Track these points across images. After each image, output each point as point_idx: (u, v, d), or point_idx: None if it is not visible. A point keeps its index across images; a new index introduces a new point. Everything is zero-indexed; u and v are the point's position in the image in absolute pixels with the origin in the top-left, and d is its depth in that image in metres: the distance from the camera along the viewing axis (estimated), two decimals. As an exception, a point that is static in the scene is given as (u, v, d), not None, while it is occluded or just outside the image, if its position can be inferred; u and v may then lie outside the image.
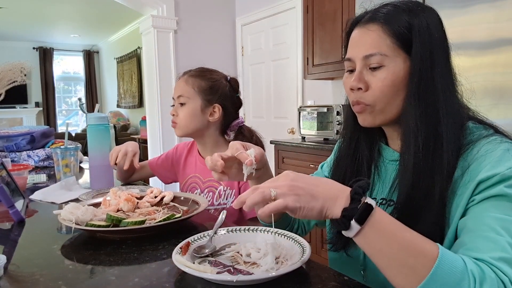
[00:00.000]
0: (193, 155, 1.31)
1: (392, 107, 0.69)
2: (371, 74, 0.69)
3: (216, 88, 1.18)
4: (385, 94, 0.68)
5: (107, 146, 1.29)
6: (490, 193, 0.58)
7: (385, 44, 0.67)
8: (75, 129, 8.55)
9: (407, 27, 0.67)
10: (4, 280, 0.63)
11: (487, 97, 1.56)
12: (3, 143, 1.81)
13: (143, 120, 5.67)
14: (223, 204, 1.17)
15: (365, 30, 0.70)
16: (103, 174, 1.30)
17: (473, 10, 1.58)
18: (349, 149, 0.80)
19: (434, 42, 0.67)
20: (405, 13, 0.68)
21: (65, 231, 0.88)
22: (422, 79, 0.66)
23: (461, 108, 0.68)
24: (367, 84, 0.69)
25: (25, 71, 1.64)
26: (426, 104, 0.65)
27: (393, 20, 0.68)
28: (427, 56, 0.66)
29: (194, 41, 3.81)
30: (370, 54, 0.68)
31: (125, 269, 0.67)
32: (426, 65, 0.66)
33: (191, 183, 1.26)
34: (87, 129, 1.31)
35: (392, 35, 0.67)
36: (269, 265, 0.60)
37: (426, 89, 0.66)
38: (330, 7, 2.71)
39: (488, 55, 1.55)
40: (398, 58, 0.67)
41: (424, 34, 0.66)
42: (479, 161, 0.61)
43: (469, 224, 0.58)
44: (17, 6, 5.47)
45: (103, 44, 8.56)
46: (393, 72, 0.67)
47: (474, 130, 0.67)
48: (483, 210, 0.58)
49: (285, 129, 3.55)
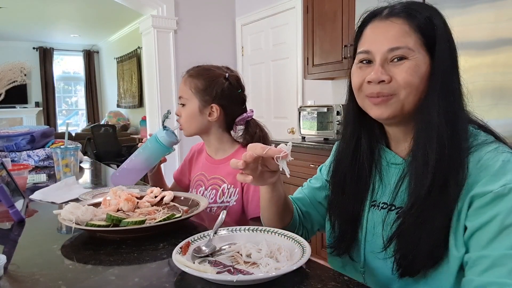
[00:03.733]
0: (202, 153, 1.31)
1: (413, 100, 0.68)
2: (393, 66, 0.68)
3: (212, 88, 1.16)
4: (410, 84, 0.67)
5: (155, 162, 1.26)
6: (482, 219, 0.59)
7: (411, 39, 0.67)
8: (75, 129, 8.55)
9: (430, 24, 0.67)
10: (4, 280, 0.63)
11: (487, 97, 1.56)
12: (3, 143, 1.81)
13: (143, 120, 5.67)
14: (226, 202, 1.17)
15: (389, 23, 0.69)
16: (134, 178, 1.27)
17: (473, 10, 1.58)
18: (349, 149, 0.79)
19: (453, 44, 0.68)
20: (426, 12, 0.68)
21: (65, 231, 0.88)
22: (445, 78, 0.66)
23: (465, 110, 0.68)
24: (390, 75, 0.68)
25: (25, 71, 1.65)
26: (447, 102, 0.65)
27: (416, 16, 0.68)
28: (447, 57, 0.66)
29: (194, 41, 3.81)
30: (396, 47, 0.67)
31: (125, 269, 0.67)
32: (447, 65, 0.66)
33: (197, 181, 1.26)
34: (153, 137, 1.22)
35: (418, 31, 0.67)
36: (270, 266, 0.60)
37: (448, 89, 0.66)
38: (330, 7, 2.71)
39: (488, 55, 1.55)
40: (420, 54, 0.67)
41: (447, 35, 0.67)
42: (479, 170, 0.61)
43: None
44: (17, 6, 5.47)
45: (103, 44, 8.56)
46: (416, 65, 0.66)
47: (476, 134, 0.67)
48: (481, 247, 0.59)
49: (285, 129, 3.55)
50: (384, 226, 0.71)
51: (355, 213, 0.77)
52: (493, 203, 0.58)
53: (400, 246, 0.66)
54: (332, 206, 0.83)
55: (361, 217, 0.77)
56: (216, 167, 1.22)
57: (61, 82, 8.85)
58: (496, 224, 0.57)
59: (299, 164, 2.71)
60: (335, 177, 0.82)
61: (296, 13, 3.32)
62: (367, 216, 0.77)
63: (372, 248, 0.75)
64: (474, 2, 1.57)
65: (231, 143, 1.23)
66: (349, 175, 0.78)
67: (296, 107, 3.20)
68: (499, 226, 0.57)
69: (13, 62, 1.62)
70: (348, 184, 0.78)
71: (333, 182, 0.83)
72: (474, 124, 0.69)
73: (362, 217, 0.77)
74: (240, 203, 1.15)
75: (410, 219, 0.64)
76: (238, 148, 1.22)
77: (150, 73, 3.72)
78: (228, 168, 1.17)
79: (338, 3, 2.64)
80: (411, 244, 0.64)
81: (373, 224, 0.75)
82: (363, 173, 0.77)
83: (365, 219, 0.77)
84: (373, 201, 0.77)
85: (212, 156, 1.25)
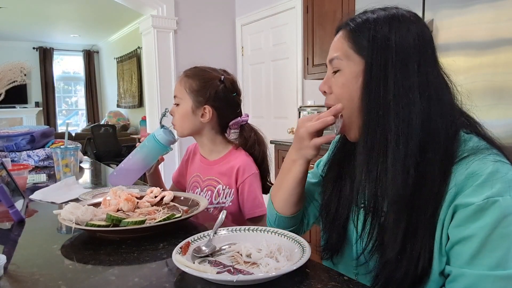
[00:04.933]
0: (196, 155, 1.31)
1: (352, 111, 0.69)
2: (333, 77, 0.72)
3: (206, 89, 1.16)
4: (341, 98, 0.70)
5: (153, 162, 1.26)
6: (464, 233, 0.58)
7: (343, 48, 0.69)
8: (75, 129, 8.55)
9: (364, 29, 0.66)
10: (4, 280, 0.63)
11: (487, 97, 1.56)
12: (3, 143, 1.81)
13: (143, 120, 5.67)
14: (221, 203, 1.17)
15: (336, 37, 0.72)
16: (132, 177, 1.27)
17: (473, 10, 1.58)
18: (344, 151, 0.79)
19: (391, 49, 0.63)
20: (379, 23, 0.65)
21: (65, 231, 0.88)
22: (373, 86, 0.64)
23: (452, 115, 0.65)
24: (330, 87, 0.72)
25: (25, 71, 1.65)
26: (375, 114, 0.64)
27: (351, 24, 0.68)
28: (378, 61, 0.64)
29: (194, 41, 3.81)
30: (331, 58, 0.71)
31: (125, 269, 0.67)
32: (377, 71, 0.64)
33: (193, 182, 1.26)
34: (150, 136, 1.22)
35: (349, 40, 0.68)
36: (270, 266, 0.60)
37: (376, 96, 0.64)
38: (330, 7, 2.71)
39: (488, 55, 1.55)
40: (351, 63, 0.68)
41: (382, 40, 0.64)
42: (466, 178, 0.59)
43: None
44: (17, 6, 5.47)
45: (103, 44, 8.56)
46: (346, 76, 0.68)
47: (467, 139, 0.64)
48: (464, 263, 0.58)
49: (285, 129, 3.55)
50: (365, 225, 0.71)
51: (343, 214, 0.77)
52: (475, 217, 0.57)
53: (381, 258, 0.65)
54: (322, 206, 0.83)
55: (350, 218, 0.77)
56: (210, 168, 1.22)
57: (61, 82, 8.85)
58: (477, 240, 0.57)
59: (299, 164, 2.71)
60: (326, 176, 0.83)
61: (296, 13, 3.32)
62: (356, 218, 0.76)
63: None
64: (474, 2, 1.57)
65: (224, 144, 1.23)
66: (339, 176, 0.79)
67: (296, 107, 3.20)
68: (480, 243, 0.57)
69: (13, 62, 1.62)
70: (339, 183, 0.78)
71: (324, 182, 0.83)
72: (466, 129, 0.66)
73: (351, 219, 0.77)
74: (236, 204, 1.16)
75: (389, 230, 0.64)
76: (231, 149, 1.21)
77: (150, 73, 3.72)
78: (222, 169, 1.18)
79: (338, 3, 2.64)
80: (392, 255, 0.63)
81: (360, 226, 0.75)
82: (352, 175, 0.76)
83: (355, 220, 0.76)
84: (363, 202, 0.77)
85: (206, 157, 1.25)
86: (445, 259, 0.61)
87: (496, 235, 0.56)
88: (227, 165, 1.18)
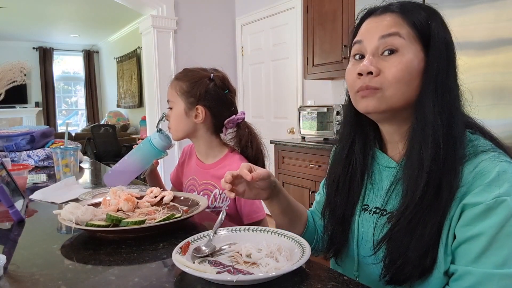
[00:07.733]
0: (192, 157, 1.30)
1: (402, 97, 0.65)
2: (383, 60, 0.66)
3: (196, 89, 1.15)
4: (398, 80, 0.64)
5: (147, 165, 1.26)
6: (471, 232, 0.58)
7: (403, 28, 0.66)
8: (75, 129, 8.55)
9: (425, 20, 0.66)
10: (4, 280, 0.63)
11: (487, 97, 1.56)
12: (3, 143, 1.81)
13: (143, 120, 5.67)
14: (218, 207, 1.16)
15: (383, 17, 0.68)
16: (125, 179, 1.27)
17: (473, 10, 1.58)
18: (343, 152, 0.79)
19: (451, 43, 0.67)
20: (422, 10, 0.67)
21: (65, 231, 0.88)
22: (440, 76, 0.64)
23: (462, 112, 0.67)
24: (379, 69, 0.65)
25: (25, 71, 1.64)
26: (443, 102, 0.64)
27: (411, 12, 0.67)
28: (443, 54, 0.65)
29: (194, 41, 3.81)
30: (387, 33, 0.65)
31: (125, 269, 0.67)
32: (443, 63, 0.64)
33: (189, 185, 1.25)
34: (146, 140, 1.23)
35: (410, 24, 0.66)
36: (270, 266, 0.60)
37: (443, 88, 0.64)
38: (330, 7, 2.71)
39: (488, 55, 1.55)
40: (413, 46, 0.65)
41: (444, 33, 0.66)
42: (474, 178, 0.60)
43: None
44: (17, 6, 5.47)
45: (103, 44, 8.56)
46: (408, 59, 0.64)
47: (473, 139, 0.65)
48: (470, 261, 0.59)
49: (285, 129, 3.55)
50: (375, 231, 0.71)
51: (345, 216, 0.77)
52: (483, 216, 0.57)
53: (389, 250, 0.65)
54: (325, 208, 0.83)
55: (352, 221, 0.77)
56: (206, 172, 1.21)
57: (61, 82, 8.85)
58: (485, 239, 0.57)
59: (299, 164, 2.71)
60: (329, 179, 0.83)
61: (296, 13, 3.32)
62: (358, 220, 0.76)
63: (364, 252, 0.75)
64: (474, 2, 1.57)
65: (220, 147, 1.22)
66: (342, 178, 0.78)
67: (296, 107, 3.21)
68: (487, 241, 0.57)
69: (13, 62, 1.62)
70: (340, 188, 0.78)
71: (327, 185, 0.83)
72: (471, 129, 0.67)
73: (353, 221, 0.77)
74: (233, 208, 1.15)
75: (402, 222, 0.63)
76: (227, 153, 1.20)
77: (150, 73, 3.72)
78: (219, 173, 1.16)
79: (338, 3, 2.64)
80: (401, 248, 0.63)
81: (364, 229, 0.75)
82: (355, 177, 0.76)
83: (356, 223, 0.76)
84: (365, 205, 0.77)
85: (203, 160, 1.24)
86: (450, 258, 0.61)
87: (503, 233, 0.57)
88: (223, 169, 1.16)
